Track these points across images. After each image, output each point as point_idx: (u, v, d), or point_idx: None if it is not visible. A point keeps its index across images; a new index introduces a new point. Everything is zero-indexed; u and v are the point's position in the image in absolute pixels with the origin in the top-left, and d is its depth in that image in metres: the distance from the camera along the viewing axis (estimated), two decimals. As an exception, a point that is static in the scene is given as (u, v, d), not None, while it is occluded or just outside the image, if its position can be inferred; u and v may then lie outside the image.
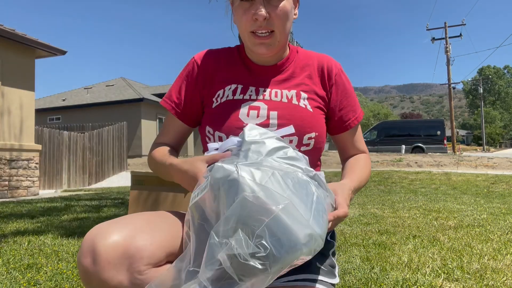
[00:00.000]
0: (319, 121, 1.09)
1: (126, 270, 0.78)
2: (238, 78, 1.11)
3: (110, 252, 0.77)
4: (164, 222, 0.91)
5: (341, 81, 1.14)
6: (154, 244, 0.82)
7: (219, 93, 1.10)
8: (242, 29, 1.05)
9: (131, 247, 0.79)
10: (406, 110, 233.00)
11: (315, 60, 1.15)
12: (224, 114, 1.06)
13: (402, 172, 10.34)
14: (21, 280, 1.96)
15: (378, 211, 4.47)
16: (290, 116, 1.04)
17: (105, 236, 0.79)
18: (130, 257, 0.78)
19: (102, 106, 20.44)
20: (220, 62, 1.14)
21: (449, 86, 27.15)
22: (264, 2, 1.00)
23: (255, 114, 1.04)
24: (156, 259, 0.81)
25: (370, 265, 2.13)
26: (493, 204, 5.07)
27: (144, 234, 0.82)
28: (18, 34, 8.47)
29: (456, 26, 27.85)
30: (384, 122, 26.08)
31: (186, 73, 1.15)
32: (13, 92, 8.58)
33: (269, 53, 1.06)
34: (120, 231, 0.81)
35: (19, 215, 4.79)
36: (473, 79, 71.75)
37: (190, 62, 1.17)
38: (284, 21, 1.02)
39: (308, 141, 1.05)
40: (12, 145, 8.53)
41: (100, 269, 0.77)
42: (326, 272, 1.03)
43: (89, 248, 0.79)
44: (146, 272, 0.79)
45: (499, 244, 2.65)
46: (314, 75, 1.13)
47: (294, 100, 1.07)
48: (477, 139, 61.67)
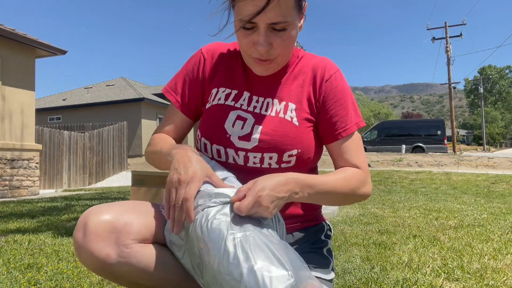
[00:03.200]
0: (305, 136, 1.04)
1: (114, 243, 0.86)
2: (235, 82, 1.09)
3: (99, 226, 0.85)
4: (151, 208, 0.98)
5: (333, 87, 1.06)
6: (139, 222, 0.90)
7: (213, 91, 1.09)
8: (241, 50, 1.01)
9: (119, 222, 0.87)
10: (406, 109, 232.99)
11: (310, 67, 1.09)
12: (212, 119, 1.06)
13: (403, 172, 10.34)
14: (21, 279, 1.96)
15: (378, 211, 4.47)
16: (272, 131, 1.02)
17: (96, 213, 0.88)
18: (118, 232, 0.86)
19: (102, 106, 20.44)
20: (223, 61, 1.12)
21: (450, 85, 27.13)
22: (267, 31, 0.93)
23: (240, 126, 1.03)
24: (142, 236, 0.89)
25: (371, 265, 2.13)
26: (494, 204, 5.07)
27: (131, 214, 0.91)
28: (18, 34, 8.47)
29: (457, 26, 27.86)
30: (384, 121, 26.07)
31: (192, 65, 1.13)
32: (13, 92, 8.58)
33: (267, 74, 1.04)
34: (111, 211, 0.89)
35: (19, 215, 4.79)
36: (474, 78, 71.72)
37: (197, 54, 1.14)
38: (288, 48, 0.98)
39: (289, 158, 1.02)
40: (12, 145, 8.53)
41: (88, 241, 0.85)
42: (320, 269, 1.05)
43: (81, 224, 0.87)
44: (132, 246, 0.87)
45: (500, 244, 2.65)
46: (305, 83, 1.08)
47: (281, 113, 1.04)
48: (477, 139, 61.66)
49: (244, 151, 1.02)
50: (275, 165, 1.03)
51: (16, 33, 8.42)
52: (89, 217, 0.87)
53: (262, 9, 0.89)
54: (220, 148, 1.04)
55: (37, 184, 9.19)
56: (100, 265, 0.86)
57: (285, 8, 0.91)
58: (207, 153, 1.07)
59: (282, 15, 0.91)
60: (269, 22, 0.91)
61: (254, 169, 1.03)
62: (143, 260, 0.88)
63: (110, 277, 0.89)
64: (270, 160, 1.02)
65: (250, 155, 1.02)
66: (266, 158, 1.02)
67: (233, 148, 1.03)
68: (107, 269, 0.86)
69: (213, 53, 1.13)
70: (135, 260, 0.87)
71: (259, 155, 1.02)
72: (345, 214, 4.23)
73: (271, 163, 1.02)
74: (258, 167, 1.03)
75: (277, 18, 0.91)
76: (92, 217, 0.86)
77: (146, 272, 0.89)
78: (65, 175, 11.38)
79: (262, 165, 1.03)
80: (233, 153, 1.03)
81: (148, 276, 0.90)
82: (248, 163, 1.03)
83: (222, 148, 1.04)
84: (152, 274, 0.90)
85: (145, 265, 0.88)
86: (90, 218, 0.86)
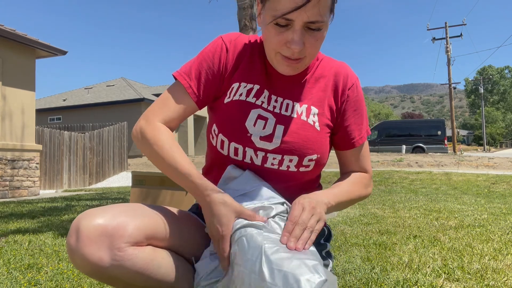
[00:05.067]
0: (324, 141, 1.04)
1: (107, 247, 0.84)
2: (256, 78, 1.05)
3: (91, 230, 0.84)
4: (146, 209, 0.96)
5: (354, 96, 1.08)
6: (133, 224, 0.88)
7: (234, 86, 1.04)
8: (268, 47, 0.97)
9: (112, 226, 0.86)
10: (406, 110, 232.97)
11: (332, 71, 1.08)
12: (232, 116, 1.02)
13: (403, 172, 10.34)
14: (21, 280, 1.96)
15: (378, 211, 4.47)
16: (296, 134, 1.01)
17: (89, 217, 0.86)
18: (110, 235, 0.85)
19: (102, 106, 20.44)
20: (245, 53, 1.06)
21: (450, 86, 27.12)
22: (302, 29, 0.90)
23: (262, 125, 1.01)
24: (135, 239, 0.87)
25: (371, 265, 2.13)
26: (494, 204, 5.07)
27: (125, 217, 0.88)
28: (18, 34, 8.47)
29: (457, 26, 27.86)
30: (385, 122, 26.07)
31: (212, 53, 1.05)
32: (13, 92, 8.58)
33: (293, 73, 1.00)
34: (103, 214, 0.87)
35: (19, 215, 4.79)
36: (475, 78, 71.66)
37: (218, 42, 1.06)
38: (318, 48, 0.95)
39: (309, 162, 1.02)
40: (13, 145, 8.53)
41: (81, 246, 0.84)
42: None
43: (74, 228, 0.86)
44: (126, 250, 0.86)
45: (500, 244, 2.65)
46: (328, 88, 1.07)
47: (303, 116, 1.03)
48: (477, 139, 61.62)
49: (264, 152, 1.01)
50: (294, 169, 1.02)
51: (16, 33, 8.42)
52: (81, 221, 0.86)
53: (302, 5, 0.85)
54: (238, 147, 1.01)
55: (37, 184, 9.19)
56: (93, 269, 0.85)
57: (323, 7, 0.88)
58: (223, 150, 1.03)
59: (320, 14, 0.88)
60: (307, 21, 0.88)
61: (271, 170, 1.02)
62: (137, 263, 0.87)
63: (105, 280, 0.89)
64: (289, 162, 1.01)
65: (269, 156, 1.01)
66: (286, 160, 1.01)
67: (253, 147, 1.01)
68: (101, 272, 0.85)
69: (236, 43, 1.06)
70: (129, 263, 0.86)
71: (279, 157, 1.01)
72: (345, 215, 4.23)
73: (290, 165, 1.02)
74: (276, 168, 1.02)
75: (316, 17, 0.88)
76: (84, 221, 0.85)
77: (141, 274, 0.88)
78: (65, 176, 11.38)
79: (280, 167, 1.02)
80: (251, 153, 1.01)
81: (143, 278, 0.89)
82: (266, 163, 1.02)
83: (240, 147, 1.01)
84: (147, 276, 0.89)
85: (140, 268, 0.87)
86: (82, 223, 0.85)
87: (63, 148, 11.31)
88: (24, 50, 8.86)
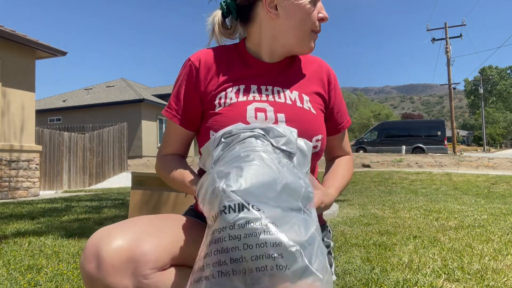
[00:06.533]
0: (323, 123, 1.07)
1: (131, 275, 0.77)
2: (239, 78, 1.06)
3: (115, 256, 0.77)
4: (167, 225, 0.91)
5: (337, 85, 1.17)
6: (159, 248, 0.81)
7: (221, 95, 1.04)
8: (302, 28, 1.05)
9: (136, 251, 0.78)
10: (406, 110, 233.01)
11: (315, 62, 1.15)
12: (230, 118, 1.01)
13: (403, 172, 10.34)
14: (21, 281, 1.96)
15: (378, 212, 4.47)
16: (297, 118, 1.01)
17: (109, 240, 0.78)
18: (135, 262, 0.78)
19: (102, 107, 20.45)
20: (218, 62, 1.08)
21: (450, 86, 27.13)
22: None
23: (263, 117, 1.00)
24: (161, 263, 0.81)
25: (371, 266, 2.13)
26: (494, 204, 5.07)
27: (149, 238, 0.81)
28: (18, 35, 8.47)
29: (457, 27, 27.88)
30: (385, 122, 26.08)
31: (182, 77, 1.08)
32: (13, 93, 8.58)
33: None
34: (124, 235, 0.80)
35: (19, 216, 4.79)
36: (474, 79, 71.67)
37: (186, 64, 1.09)
38: None
39: (316, 143, 1.03)
40: (12, 146, 8.53)
41: (105, 275, 0.76)
42: None
43: (93, 253, 0.78)
44: (152, 276, 0.79)
45: (500, 244, 2.65)
46: (314, 77, 1.11)
47: (298, 103, 1.04)
48: (477, 140, 61.64)
49: None
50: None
51: (16, 34, 8.43)
52: (102, 245, 0.78)
53: None
54: None
55: (37, 185, 9.19)
56: None
57: None
58: None
59: None
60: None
61: None
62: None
63: None
64: None
65: None
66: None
67: None
68: None
69: (206, 59, 1.08)
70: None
71: None
72: (345, 215, 4.23)
73: None
74: None
75: None
76: (105, 245, 0.78)
77: None
78: (65, 176, 11.37)
79: None
80: None
81: None
82: None
83: None
84: None
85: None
86: (103, 247, 0.77)
87: (63, 149, 11.31)
88: (24, 51, 8.86)
